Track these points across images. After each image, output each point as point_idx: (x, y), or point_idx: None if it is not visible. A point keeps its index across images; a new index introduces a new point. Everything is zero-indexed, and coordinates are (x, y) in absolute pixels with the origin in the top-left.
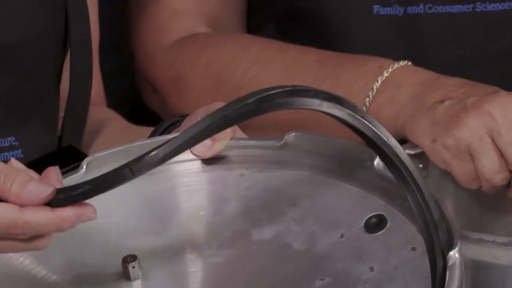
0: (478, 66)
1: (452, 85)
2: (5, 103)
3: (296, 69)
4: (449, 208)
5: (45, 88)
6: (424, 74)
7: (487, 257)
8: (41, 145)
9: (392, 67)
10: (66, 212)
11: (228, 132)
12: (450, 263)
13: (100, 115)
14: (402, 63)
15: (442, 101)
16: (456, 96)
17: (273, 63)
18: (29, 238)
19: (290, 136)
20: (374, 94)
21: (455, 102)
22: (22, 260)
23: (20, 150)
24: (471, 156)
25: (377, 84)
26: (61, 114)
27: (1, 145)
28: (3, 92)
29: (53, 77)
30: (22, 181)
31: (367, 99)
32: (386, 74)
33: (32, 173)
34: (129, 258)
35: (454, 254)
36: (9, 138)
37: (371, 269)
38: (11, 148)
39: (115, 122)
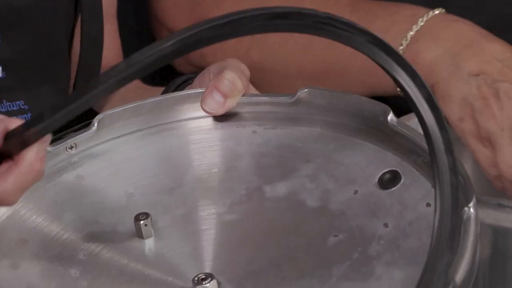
0: (502, 34)
1: (491, 53)
2: (15, 66)
3: None
4: (468, 172)
5: (56, 52)
6: (460, 27)
7: (506, 222)
8: None
9: (427, 15)
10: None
11: (240, 88)
12: (465, 218)
13: None
14: (436, 11)
15: (477, 75)
16: (491, 73)
17: (303, 5)
18: None
19: (303, 92)
20: (408, 43)
21: (490, 82)
22: (35, 218)
23: (30, 114)
24: (491, 144)
25: (411, 33)
26: (72, 81)
27: (10, 109)
28: (14, 54)
29: (65, 40)
30: None
31: (401, 47)
32: (421, 23)
33: None
34: (142, 216)
35: (469, 209)
36: (18, 102)
37: (386, 225)
38: (20, 112)
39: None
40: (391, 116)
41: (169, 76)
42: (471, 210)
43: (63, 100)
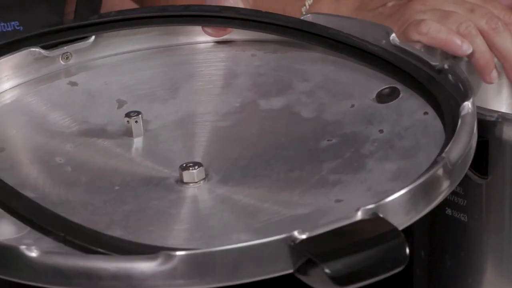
0: None
1: None
2: None
3: None
4: None
5: None
6: None
7: None
8: None
9: None
10: None
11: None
12: (463, 113)
13: (115, 1)
14: None
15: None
16: None
17: None
18: None
19: (306, 17)
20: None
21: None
22: (23, 112)
23: None
24: None
25: None
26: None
27: (4, 30)
28: None
29: None
30: None
31: (303, 8)
32: None
33: None
34: (133, 113)
35: (468, 105)
36: (13, 23)
37: (381, 131)
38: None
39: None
40: (393, 37)
41: None
42: (469, 105)
43: None
